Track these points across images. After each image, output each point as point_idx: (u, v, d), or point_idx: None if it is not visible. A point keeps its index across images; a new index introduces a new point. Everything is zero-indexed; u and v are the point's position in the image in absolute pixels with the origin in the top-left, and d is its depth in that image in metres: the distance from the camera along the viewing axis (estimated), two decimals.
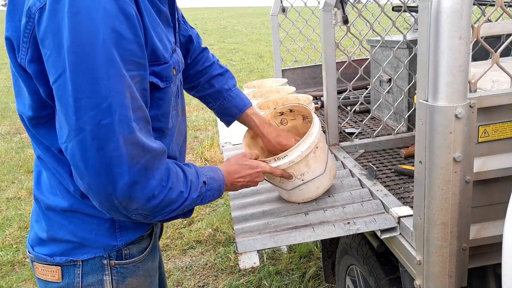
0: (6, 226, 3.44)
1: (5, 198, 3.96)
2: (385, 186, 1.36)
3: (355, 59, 2.87)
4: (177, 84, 1.01)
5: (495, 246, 1.02)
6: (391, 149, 1.75)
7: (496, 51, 0.97)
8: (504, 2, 1.52)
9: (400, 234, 1.15)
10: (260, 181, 1.13)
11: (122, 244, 0.98)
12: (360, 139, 1.78)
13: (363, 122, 1.80)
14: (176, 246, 2.98)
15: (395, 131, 1.78)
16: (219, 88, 1.31)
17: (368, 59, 2.00)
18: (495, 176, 1.00)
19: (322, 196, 1.29)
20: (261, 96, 2.02)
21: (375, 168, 1.40)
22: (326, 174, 1.25)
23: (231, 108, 1.31)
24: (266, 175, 1.17)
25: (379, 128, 1.80)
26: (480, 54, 1.83)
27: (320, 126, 1.21)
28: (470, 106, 0.90)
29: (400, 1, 1.88)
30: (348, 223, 1.16)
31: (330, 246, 1.93)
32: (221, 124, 1.40)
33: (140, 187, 0.81)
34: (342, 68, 1.71)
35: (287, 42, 3.16)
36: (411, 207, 1.15)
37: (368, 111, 2.30)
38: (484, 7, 2.10)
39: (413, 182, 1.03)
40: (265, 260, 2.72)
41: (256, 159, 1.15)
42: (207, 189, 0.97)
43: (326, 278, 2.06)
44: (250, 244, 1.12)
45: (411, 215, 1.12)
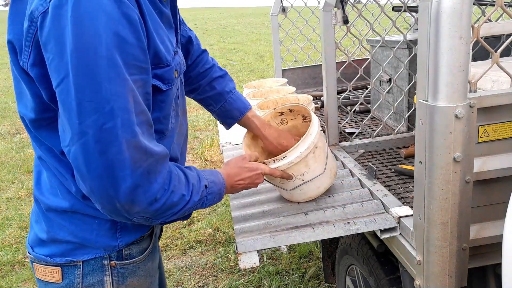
0: (6, 226, 3.44)
1: (5, 198, 3.96)
2: (385, 186, 1.36)
3: (355, 59, 2.87)
4: (177, 85, 1.01)
5: (495, 246, 1.02)
6: (391, 149, 1.75)
7: (496, 51, 0.97)
8: (504, 2, 1.52)
9: (400, 234, 1.15)
10: (260, 182, 1.14)
11: (123, 244, 0.98)
12: (360, 139, 1.78)
13: (363, 122, 1.80)
14: (176, 246, 2.98)
15: (395, 131, 1.78)
16: (220, 91, 1.30)
17: (368, 59, 2.00)
18: (495, 176, 1.00)
19: (322, 196, 1.29)
20: (261, 96, 2.03)
21: (375, 168, 1.40)
22: (326, 173, 1.25)
23: (232, 110, 1.30)
24: (266, 176, 1.17)
25: (379, 128, 1.80)
26: (480, 54, 1.83)
27: (319, 126, 1.21)
28: (470, 106, 0.90)
29: (400, 1, 1.88)
30: (348, 223, 1.16)
31: (330, 246, 1.93)
32: (221, 124, 1.40)
33: (143, 190, 0.81)
34: (342, 68, 1.71)
35: (287, 42, 3.16)
36: (411, 207, 1.15)
37: (368, 111, 2.30)
38: (484, 7, 2.10)
39: (413, 182, 1.03)
40: (265, 260, 2.72)
41: (256, 161, 1.16)
42: (208, 192, 0.97)
43: (326, 278, 2.06)
44: (250, 244, 1.12)
45: (411, 215, 1.12)
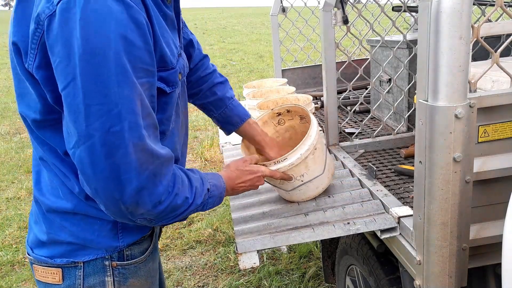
0: (6, 226, 3.44)
1: (4, 198, 3.96)
2: (385, 186, 1.36)
3: (355, 59, 2.87)
4: (179, 87, 1.01)
5: (495, 246, 1.02)
6: (391, 149, 1.75)
7: (496, 51, 0.97)
8: (504, 2, 1.52)
9: (400, 234, 1.15)
10: (260, 184, 1.14)
11: (124, 245, 0.98)
12: (360, 139, 1.78)
13: (363, 122, 1.80)
14: (176, 246, 2.98)
15: (395, 131, 1.78)
16: (221, 96, 1.29)
17: (368, 59, 2.00)
18: (495, 176, 1.00)
19: (322, 196, 1.29)
20: (261, 96, 2.02)
21: (375, 168, 1.40)
22: (325, 174, 1.25)
23: (232, 117, 1.29)
24: (266, 178, 1.17)
25: (379, 128, 1.80)
26: (480, 54, 1.83)
27: (318, 127, 1.22)
28: (470, 106, 0.90)
29: (400, 1, 1.88)
30: (348, 223, 1.16)
31: (330, 246, 1.93)
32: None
33: (148, 193, 0.81)
34: (342, 68, 1.71)
35: (287, 42, 3.16)
36: (411, 207, 1.14)
37: (368, 111, 2.30)
38: (484, 7, 2.10)
39: (413, 182, 1.03)
40: (265, 260, 2.72)
41: (256, 163, 1.16)
42: (209, 196, 0.97)
43: (326, 278, 2.06)
44: (250, 244, 1.12)
45: (411, 215, 1.12)
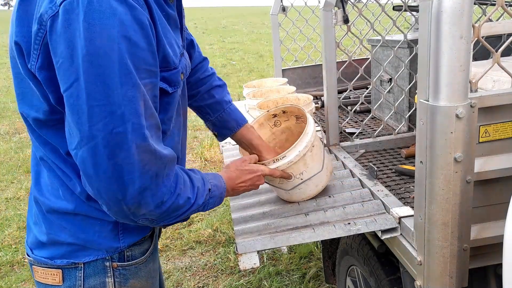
0: (5, 226, 3.43)
1: (4, 198, 3.96)
2: (385, 186, 1.36)
3: (356, 58, 2.87)
4: (181, 87, 1.01)
5: (496, 246, 1.01)
6: (392, 149, 1.75)
7: (497, 51, 0.97)
8: (505, 2, 1.52)
9: (401, 234, 1.15)
10: (261, 184, 1.14)
11: (125, 245, 0.97)
12: (361, 139, 1.78)
13: (364, 122, 1.79)
14: (175, 247, 2.98)
15: (396, 131, 1.78)
16: (219, 100, 1.28)
17: (368, 58, 2.00)
18: (496, 176, 1.00)
19: (323, 196, 1.29)
20: (261, 96, 2.02)
21: (376, 168, 1.40)
22: (323, 171, 1.26)
23: (229, 121, 1.27)
24: (266, 177, 1.17)
25: (380, 128, 1.80)
26: (481, 53, 1.82)
27: (314, 125, 1.22)
28: (471, 106, 0.90)
29: (401, 0, 1.88)
30: (349, 223, 1.16)
31: (330, 246, 1.93)
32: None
33: (150, 193, 0.81)
34: (342, 67, 1.71)
35: (287, 42, 3.16)
36: (412, 207, 1.14)
37: (368, 111, 2.30)
38: (485, 6, 2.10)
39: (413, 182, 1.03)
40: (265, 260, 2.72)
41: (256, 163, 1.16)
42: (210, 196, 0.97)
43: (326, 279, 2.06)
44: (250, 245, 1.12)
45: (412, 216, 1.12)
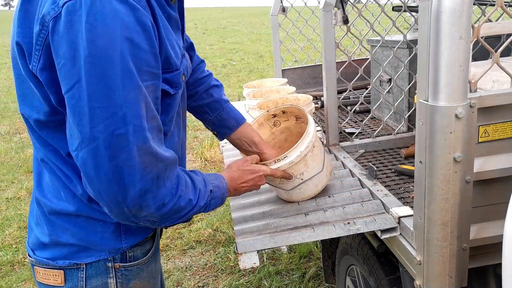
0: (6, 226, 3.43)
1: (4, 198, 3.96)
2: (385, 186, 1.36)
3: (355, 59, 2.87)
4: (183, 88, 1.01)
5: (495, 246, 1.02)
6: (391, 149, 1.75)
7: (496, 51, 0.97)
8: (504, 2, 1.52)
9: (400, 234, 1.15)
10: (262, 184, 1.14)
11: (127, 246, 0.97)
12: (360, 139, 1.78)
13: (363, 122, 1.80)
14: (176, 246, 2.98)
15: (395, 131, 1.78)
16: (218, 99, 1.28)
17: (368, 59, 2.00)
18: (495, 176, 1.00)
19: (322, 196, 1.29)
20: (261, 96, 2.02)
21: (375, 168, 1.40)
22: (324, 171, 1.26)
23: (229, 120, 1.27)
24: (267, 177, 1.17)
25: (379, 128, 1.80)
26: (480, 54, 1.83)
27: (315, 125, 1.22)
28: (471, 106, 0.90)
29: (400, 1, 1.88)
30: (348, 223, 1.16)
31: (330, 246, 1.93)
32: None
33: (152, 195, 0.81)
34: (342, 68, 1.71)
35: (287, 42, 3.16)
36: (411, 207, 1.14)
37: (368, 111, 2.30)
38: (484, 7, 2.10)
39: (413, 182, 1.03)
40: (265, 260, 2.72)
41: (257, 163, 1.16)
42: (211, 197, 0.97)
43: (326, 278, 2.06)
44: (250, 245, 1.12)
45: (411, 215, 1.12)
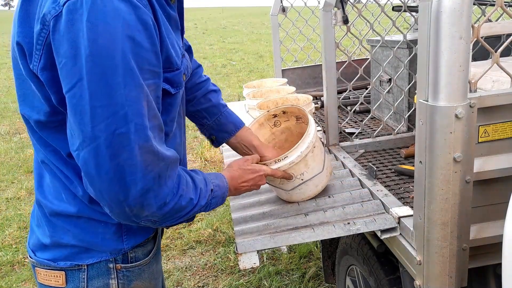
0: (6, 226, 3.43)
1: (4, 198, 3.96)
2: (385, 186, 1.36)
3: (355, 59, 2.87)
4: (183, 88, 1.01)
5: (495, 246, 1.02)
6: (391, 149, 1.75)
7: (496, 51, 0.97)
8: (504, 2, 1.52)
9: (400, 234, 1.15)
10: (262, 184, 1.14)
11: (129, 247, 0.97)
12: (360, 139, 1.78)
13: (363, 122, 1.80)
14: (176, 246, 2.98)
15: (395, 131, 1.78)
16: (216, 103, 1.27)
17: (368, 59, 2.00)
18: (495, 176, 1.00)
19: (322, 196, 1.29)
20: (261, 96, 2.02)
21: (375, 168, 1.40)
22: (324, 172, 1.26)
23: (227, 124, 1.27)
24: (267, 177, 1.17)
25: (379, 128, 1.80)
26: (480, 54, 1.83)
27: (315, 126, 1.22)
28: (470, 106, 0.90)
29: (400, 1, 1.88)
30: (348, 223, 1.16)
31: (330, 246, 1.93)
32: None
33: (153, 195, 0.81)
34: (342, 68, 1.71)
35: (287, 42, 3.16)
36: (411, 207, 1.14)
37: (368, 111, 2.30)
38: (484, 7, 2.10)
39: (413, 182, 1.03)
40: (265, 260, 2.72)
41: (257, 163, 1.16)
42: (212, 196, 0.97)
43: (326, 279, 2.06)
44: (250, 245, 1.12)
45: (411, 215, 1.12)
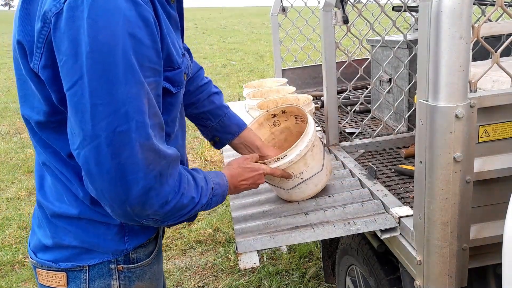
0: (6, 226, 3.43)
1: (4, 198, 3.96)
2: (385, 186, 1.36)
3: (355, 59, 2.87)
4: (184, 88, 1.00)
5: (496, 246, 1.02)
6: (391, 149, 1.75)
7: (496, 51, 0.97)
8: (504, 2, 1.52)
9: (400, 234, 1.15)
10: (261, 183, 1.14)
11: (131, 248, 0.97)
12: (360, 139, 1.78)
13: (363, 122, 1.80)
14: (176, 246, 2.98)
15: (395, 131, 1.78)
16: (219, 105, 1.28)
17: (368, 59, 2.00)
18: (495, 176, 1.00)
19: (322, 195, 1.29)
20: (261, 96, 2.02)
21: (375, 168, 1.40)
22: (323, 171, 1.26)
23: (231, 125, 1.27)
24: (266, 176, 1.17)
25: (379, 128, 1.80)
26: (480, 54, 1.83)
27: (315, 125, 1.22)
28: (471, 106, 0.90)
29: (400, 1, 1.88)
30: (348, 223, 1.16)
31: (330, 246, 1.93)
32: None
33: (155, 193, 0.80)
34: (342, 68, 1.71)
35: (287, 42, 3.16)
36: (411, 207, 1.14)
37: (368, 111, 2.30)
38: (484, 7, 2.10)
39: (413, 182, 1.03)
40: (265, 260, 2.72)
41: (257, 162, 1.16)
42: (213, 195, 0.97)
43: (326, 279, 2.06)
44: (250, 244, 1.12)
45: (411, 215, 1.12)
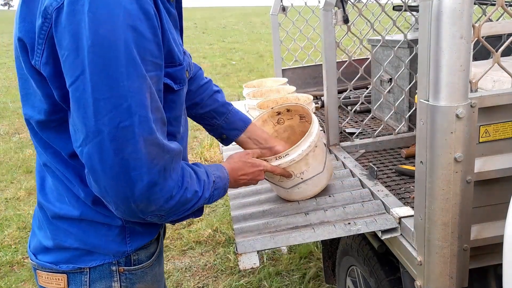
0: (5, 226, 3.43)
1: (4, 198, 3.95)
2: (386, 186, 1.35)
3: (356, 58, 2.87)
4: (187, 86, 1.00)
5: (496, 246, 1.01)
6: (392, 149, 1.75)
7: (497, 51, 0.97)
8: (505, 2, 1.52)
9: (401, 234, 1.15)
10: (261, 179, 1.13)
11: (132, 249, 0.96)
12: (361, 139, 1.77)
13: (364, 122, 1.79)
14: (175, 247, 2.98)
15: (396, 131, 1.78)
16: (223, 103, 1.27)
17: (368, 58, 1.99)
18: (496, 176, 1.00)
19: (323, 195, 1.29)
20: (261, 95, 2.02)
21: (376, 168, 1.40)
22: (324, 173, 1.25)
23: (236, 121, 1.27)
24: (266, 173, 1.17)
25: (380, 128, 1.80)
26: (481, 53, 1.82)
27: (319, 125, 1.21)
28: (471, 106, 0.89)
29: (401, 0, 1.88)
30: (349, 223, 1.16)
31: (330, 246, 1.93)
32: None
33: (159, 188, 0.80)
34: (342, 67, 1.71)
35: (287, 42, 3.16)
36: (412, 207, 1.14)
37: (368, 111, 2.30)
38: (485, 6, 2.10)
39: (414, 182, 1.03)
40: (265, 260, 2.72)
41: (258, 158, 1.16)
42: (215, 188, 0.96)
43: (326, 279, 2.05)
44: (250, 245, 1.12)
45: (412, 216, 1.12)
